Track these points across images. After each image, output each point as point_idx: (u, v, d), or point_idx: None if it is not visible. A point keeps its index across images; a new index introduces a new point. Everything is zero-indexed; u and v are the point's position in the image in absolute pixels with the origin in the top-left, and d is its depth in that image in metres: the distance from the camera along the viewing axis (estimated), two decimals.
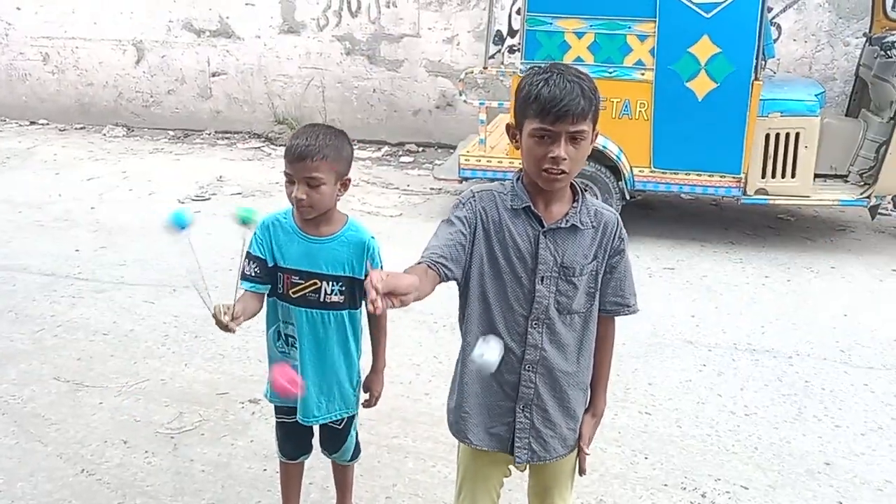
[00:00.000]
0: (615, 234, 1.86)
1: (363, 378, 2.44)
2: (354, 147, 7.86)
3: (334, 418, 2.39)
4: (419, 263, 1.73)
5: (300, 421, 2.35)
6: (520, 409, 1.91)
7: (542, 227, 1.81)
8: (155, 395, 3.51)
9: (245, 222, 2.15)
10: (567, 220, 1.81)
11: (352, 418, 2.45)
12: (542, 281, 1.82)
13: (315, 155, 2.10)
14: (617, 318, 1.99)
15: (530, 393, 1.89)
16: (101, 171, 7.11)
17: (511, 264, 1.82)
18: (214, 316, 2.02)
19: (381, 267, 2.29)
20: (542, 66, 1.77)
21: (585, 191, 1.88)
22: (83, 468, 3.01)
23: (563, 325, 1.86)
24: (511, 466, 2.04)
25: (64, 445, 3.15)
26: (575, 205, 1.84)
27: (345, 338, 2.31)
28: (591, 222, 1.84)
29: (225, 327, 2.02)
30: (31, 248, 5.25)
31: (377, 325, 2.40)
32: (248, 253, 2.24)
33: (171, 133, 8.55)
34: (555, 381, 1.90)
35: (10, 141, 8.15)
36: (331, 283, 2.23)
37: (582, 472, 2.04)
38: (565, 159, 1.70)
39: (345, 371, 2.34)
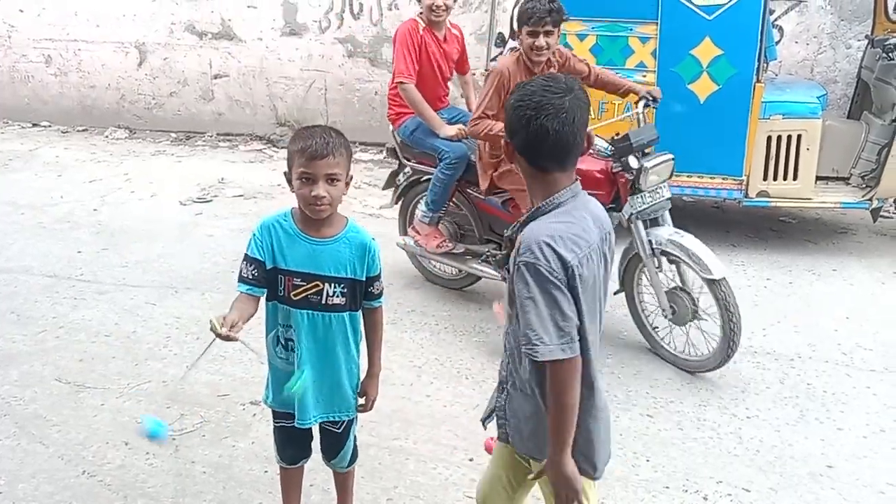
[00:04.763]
0: None
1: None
2: (356, 149, 7.80)
3: (332, 419, 2.39)
4: None
5: (297, 425, 2.35)
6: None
7: None
8: (156, 397, 3.51)
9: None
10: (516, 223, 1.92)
11: (350, 422, 2.45)
12: None
13: (334, 151, 2.12)
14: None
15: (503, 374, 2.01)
16: (103, 173, 7.11)
17: None
18: (213, 330, 2.02)
19: (380, 269, 2.31)
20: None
21: None
22: (84, 469, 3.01)
23: None
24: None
25: (65, 447, 3.15)
26: None
27: (346, 340, 2.31)
28: None
29: (226, 338, 2.02)
30: (34, 249, 5.26)
31: (374, 328, 2.39)
32: (245, 255, 2.23)
33: (174, 135, 8.55)
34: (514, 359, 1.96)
35: (12, 143, 8.16)
36: (333, 284, 2.23)
37: None
38: None
39: (345, 373, 2.34)
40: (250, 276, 2.21)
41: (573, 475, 1.80)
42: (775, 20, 5.82)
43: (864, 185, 5.26)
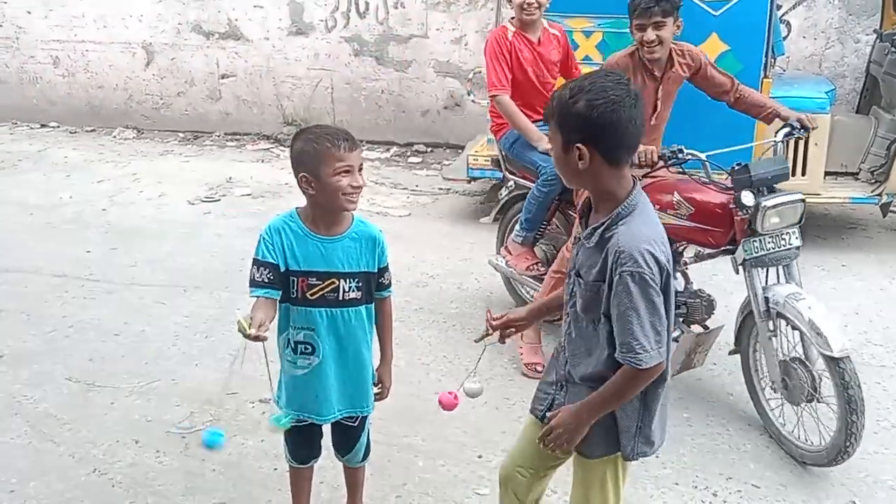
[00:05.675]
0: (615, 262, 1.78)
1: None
2: (364, 147, 7.79)
3: (352, 414, 2.40)
4: None
5: (316, 420, 2.36)
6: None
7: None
8: (166, 395, 3.53)
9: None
10: (591, 229, 1.88)
11: (365, 416, 2.46)
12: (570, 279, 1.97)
13: (357, 143, 2.20)
14: None
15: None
16: (111, 173, 7.14)
17: None
18: (241, 331, 2.04)
19: (388, 260, 2.35)
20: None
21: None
22: (95, 468, 3.03)
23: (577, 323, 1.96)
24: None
25: (76, 445, 3.17)
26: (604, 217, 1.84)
27: (364, 333, 2.34)
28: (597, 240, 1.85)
29: (255, 338, 2.04)
30: (43, 249, 5.28)
31: (385, 317, 2.42)
32: (256, 259, 2.23)
33: (181, 135, 8.58)
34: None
35: (21, 143, 8.20)
36: (348, 280, 2.25)
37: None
38: None
39: (365, 366, 2.37)
40: (265, 280, 2.20)
41: (579, 432, 1.92)
42: (783, 15, 5.80)
43: (873, 181, 5.24)
